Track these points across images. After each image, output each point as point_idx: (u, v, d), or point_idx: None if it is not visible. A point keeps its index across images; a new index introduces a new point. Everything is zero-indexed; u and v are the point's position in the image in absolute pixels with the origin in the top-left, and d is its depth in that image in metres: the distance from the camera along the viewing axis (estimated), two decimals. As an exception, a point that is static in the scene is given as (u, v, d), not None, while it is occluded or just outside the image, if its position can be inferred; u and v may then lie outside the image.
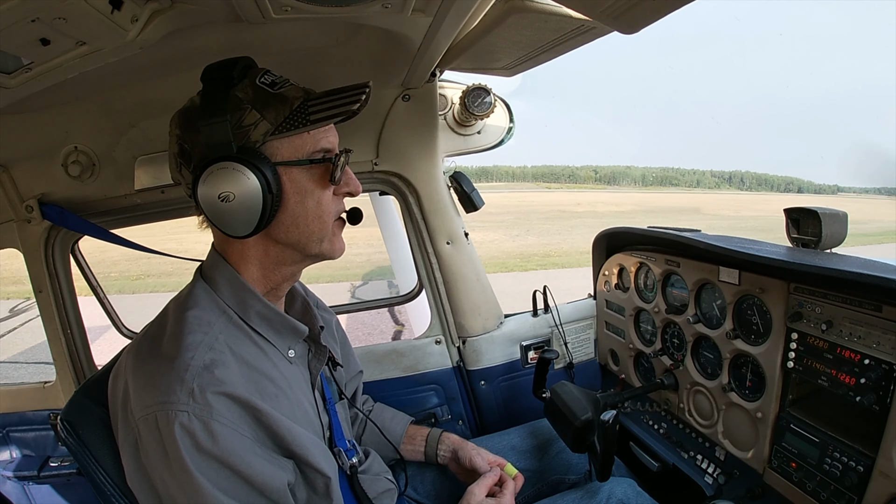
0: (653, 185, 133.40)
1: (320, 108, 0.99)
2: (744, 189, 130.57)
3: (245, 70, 1.03)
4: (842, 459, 1.24)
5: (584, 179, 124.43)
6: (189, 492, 0.89)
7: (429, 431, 1.62)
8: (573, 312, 2.22)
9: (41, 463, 2.06)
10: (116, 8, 0.92)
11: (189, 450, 0.88)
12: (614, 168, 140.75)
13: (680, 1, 0.93)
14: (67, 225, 1.73)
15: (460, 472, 1.54)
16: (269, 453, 0.98)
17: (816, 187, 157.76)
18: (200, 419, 0.89)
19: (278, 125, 0.99)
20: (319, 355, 1.21)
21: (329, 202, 1.07)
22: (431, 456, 1.59)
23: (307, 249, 1.07)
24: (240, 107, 0.98)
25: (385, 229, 3.27)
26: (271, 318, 1.09)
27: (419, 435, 1.61)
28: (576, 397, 1.57)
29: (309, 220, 1.05)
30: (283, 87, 1.02)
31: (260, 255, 1.08)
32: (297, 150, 1.02)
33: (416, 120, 1.85)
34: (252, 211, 0.97)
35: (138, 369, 0.97)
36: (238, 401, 0.93)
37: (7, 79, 1.07)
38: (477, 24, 1.32)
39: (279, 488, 0.96)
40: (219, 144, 0.96)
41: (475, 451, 1.52)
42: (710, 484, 1.63)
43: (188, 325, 0.99)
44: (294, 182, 1.02)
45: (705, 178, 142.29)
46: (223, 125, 0.96)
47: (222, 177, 0.96)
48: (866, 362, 1.18)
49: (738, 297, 1.53)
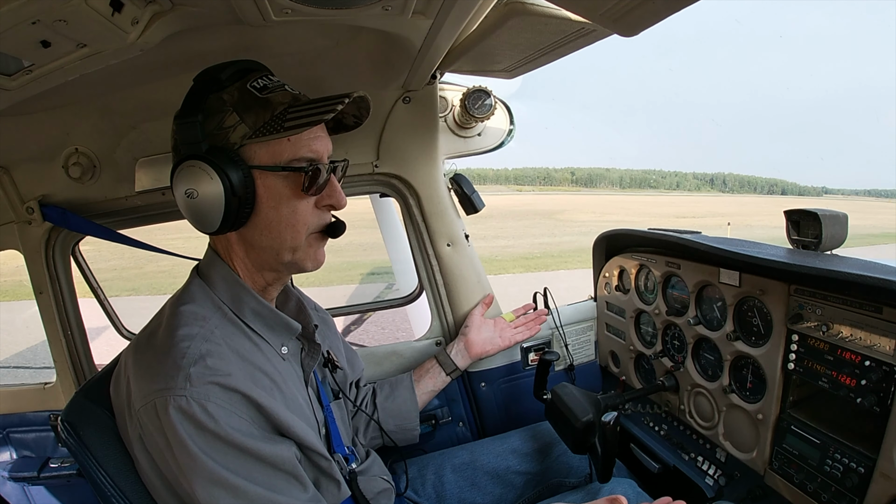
0: (630, 187, 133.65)
1: (298, 115, 1.00)
2: (725, 191, 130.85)
3: (241, 73, 1.03)
4: (843, 461, 1.24)
5: (560, 181, 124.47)
6: (197, 475, 0.90)
7: (434, 362, 1.78)
8: (574, 314, 2.22)
9: (41, 464, 2.06)
10: (117, 10, 0.93)
11: (191, 432, 0.89)
12: (591, 170, 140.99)
13: (680, 4, 0.93)
14: (69, 226, 1.73)
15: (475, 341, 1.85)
16: (268, 434, 0.99)
17: (801, 189, 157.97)
18: (198, 402, 0.90)
19: (256, 129, 1.00)
20: (313, 353, 1.22)
21: (306, 213, 1.06)
22: (450, 366, 1.78)
23: (279, 256, 1.07)
24: (222, 109, 1.00)
25: (385, 231, 3.27)
26: (265, 314, 1.10)
27: (426, 367, 1.78)
28: (577, 399, 1.57)
29: (282, 227, 1.04)
30: (271, 93, 1.02)
31: (242, 254, 1.09)
32: (276, 156, 1.02)
33: (417, 122, 1.85)
34: (215, 209, 0.98)
35: (137, 363, 0.99)
36: (234, 389, 0.94)
37: (8, 81, 1.08)
38: (477, 27, 1.32)
39: (290, 459, 0.98)
40: (190, 143, 0.99)
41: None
42: (710, 485, 1.63)
43: (184, 318, 1.01)
44: (269, 188, 1.02)
45: (686, 180, 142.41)
46: (193, 125, 0.99)
47: (188, 174, 0.98)
48: (867, 364, 1.18)
49: (738, 299, 1.53)
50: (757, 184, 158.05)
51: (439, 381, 1.75)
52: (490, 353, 1.88)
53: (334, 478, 1.10)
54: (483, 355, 1.86)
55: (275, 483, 0.96)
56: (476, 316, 1.92)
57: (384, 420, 1.58)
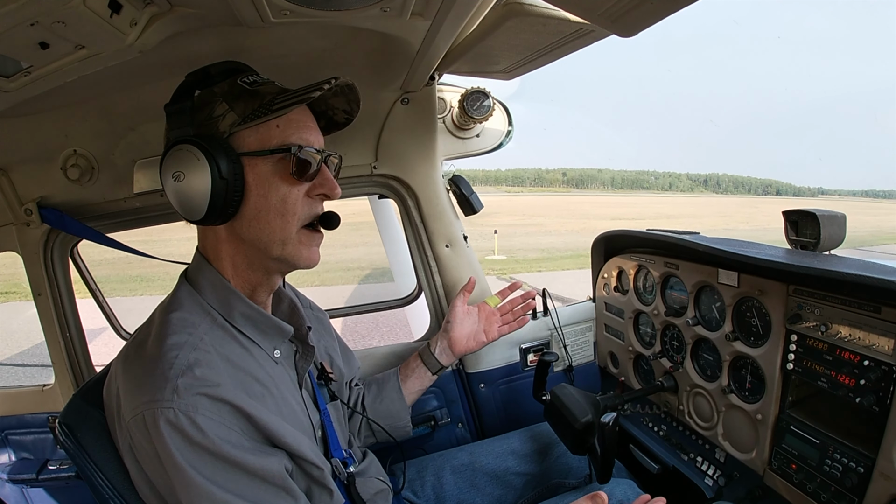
0: (622, 188, 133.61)
1: (285, 99, 1.00)
2: (719, 192, 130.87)
3: (230, 72, 1.05)
4: (842, 461, 1.24)
5: (551, 182, 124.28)
6: (185, 489, 0.89)
7: (419, 361, 1.70)
8: (572, 315, 2.22)
9: (39, 466, 2.06)
10: (115, 12, 0.93)
11: (179, 445, 0.88)
12: (583, 171, 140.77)
13: (677, 4, 0.93)
14: (66, 229, 1.72)
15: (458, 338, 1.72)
16: (258, 445, 0.97)
17: (796, 189, 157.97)
18: (186, 415, 0.88)
19: (245, 116, 1.00)
20: (306, 355, 1.21)
21: (296, 201, 1.04)
22: (435, 365, 1.69)
23: (269, 250, 1.05)
24: (212, 100, 1.01)
25: (384, 232, 3.27)
26: (255, 318, 1.09)
27: (411, 365, 1.70)
28: (576, 400, 1.57)
29: (271, 216, 1.03)
30: (262, 86, 1.03)
31: (231, 252, 1.07)
32: (264, 142, 1.01)
33: (415, 123, 1.85)
34: (202, 193, 0.97)
35: (126, 373, 0.98)
36: (223, 400, 0.93)
37: (6, 82, 1.08)
38: (475, 28, 1.33)
39: (279, 472, 0.96)
40: (177, 129, 1.00)
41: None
42: (710, 486, 1.63)
43: (172, 326, 0.99)
44: (258, 174, 1.01)
45: (680, 180, 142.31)
46: (182, 113, 1.00)
47: (176, 158, 0.98)
48: (866, 363, 1.18)
49: (737, 300, 1.53)
50: (751, 184, 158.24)
51: (426, 380, 1.69)
52: (474, 349, 1.74)
53: (326, 486, 1.08)
54: (467, 352, 1.73)
55: (264, 497, 0.95)
56: (458, 308, 1.74)
57: (375, 420, 1.57)
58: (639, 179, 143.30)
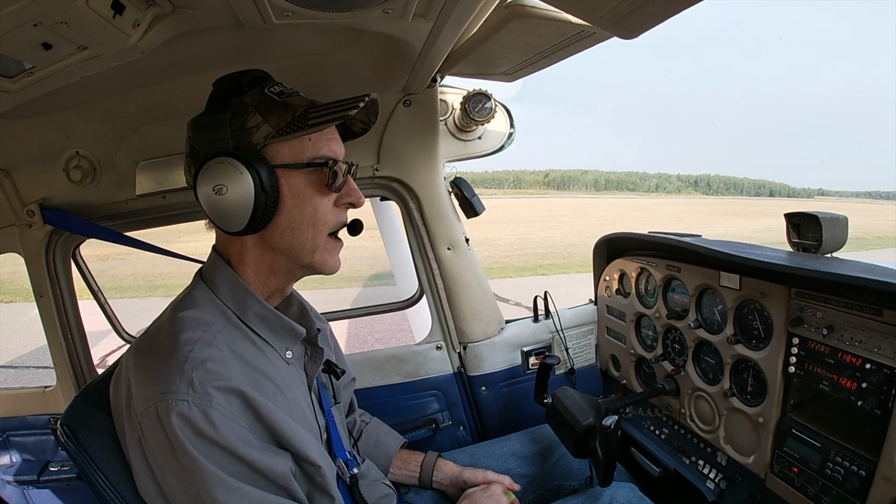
0: (606, 189, 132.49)
1: (320, 114, 1.02)
2: (710, 193, 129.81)
3: (257, 81, 1.06)
4: (844, 464, 1.23)
5: (530, 184, 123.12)
6: (196, 478, 0.90)
7: (423, 457, 1.61)
8: (574, 318, 2.22)
9: (41, 467, 2.06)
10: (118, 13, 0.93)
11: (191, 437, 0.89)
12: (565, 172, 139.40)
13: (679, 5, 0.93)
14: (70, 228, 1.72)
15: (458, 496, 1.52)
16: (265, 444, 0.98)
17: (791, 191, 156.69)
18: (200, 408, 0.90)
19: (279, 129, 1.02)
20: (316, 358, 1.22)
21: (327, 211, 1.08)
22: (426, 481, 1.58)
23: (299, 258, 1.08)
24: (245, 110, 1.02)
25: (386, 234, 3.27)
26: (270, 319, 1.10)
27: (413, 460, 1.60)
28: (577, 403, 1.57)
29: (304, 226, 1.06)
30: (289, 97, 1.05)
31: (256, 258, 1.09)
32: (298, 154, 1.04)
33: (417, 125, 1.85)
34: (244, 205, 0.99)
35: (139, 366, 0.99)
36: (236, 394, 0.94)
37: (9, 83, 1.08)
38: (477, 30, 1.33)
39: (284, 473, 0.97)
40: (217, 141, 1.01)
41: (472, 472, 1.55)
42: (711, 489, 1.62)
43: (187, 323, 1.01)
44: (292, 186, 1.04)
45: (670, 181, 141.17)
46: (222, 124, 1.01)
47: (217, 170, 0.99)
48: (867, 367, 1.18)
49: (739, 302, 1.53)
50: (743, 185, 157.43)
51: (412, 480, 1.59)
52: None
53: (328, 492, 1.08)
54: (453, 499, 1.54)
55: (267, 496, 0.95)
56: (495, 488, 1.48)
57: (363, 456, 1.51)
58: (625, 181, 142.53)
